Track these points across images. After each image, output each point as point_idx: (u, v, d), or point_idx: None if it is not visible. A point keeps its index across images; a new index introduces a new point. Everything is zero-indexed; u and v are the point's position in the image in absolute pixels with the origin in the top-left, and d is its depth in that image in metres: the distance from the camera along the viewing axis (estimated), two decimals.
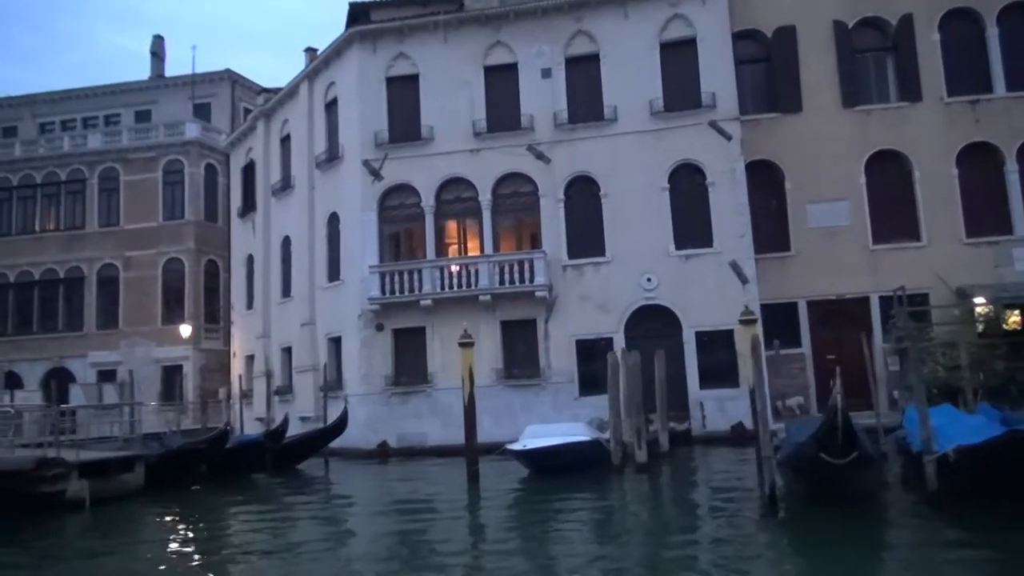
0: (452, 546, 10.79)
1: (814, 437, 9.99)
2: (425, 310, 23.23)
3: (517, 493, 15.16)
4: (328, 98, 26.84)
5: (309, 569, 9.84)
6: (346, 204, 25.29)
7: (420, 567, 9.57)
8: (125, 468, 16.47)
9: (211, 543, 12.15)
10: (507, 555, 10.00)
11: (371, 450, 22.85)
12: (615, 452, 16.51)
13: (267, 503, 16.72)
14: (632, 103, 23.33)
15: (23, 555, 11.92)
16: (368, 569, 9.66)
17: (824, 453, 9.54)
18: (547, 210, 23.49)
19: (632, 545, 10.34)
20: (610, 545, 10.34)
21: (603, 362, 22.31)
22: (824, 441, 9.65)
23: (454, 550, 10.50)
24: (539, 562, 9.50)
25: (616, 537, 10.95)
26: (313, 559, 10.37)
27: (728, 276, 22.33)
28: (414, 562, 9.87)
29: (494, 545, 10.86)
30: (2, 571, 10.97)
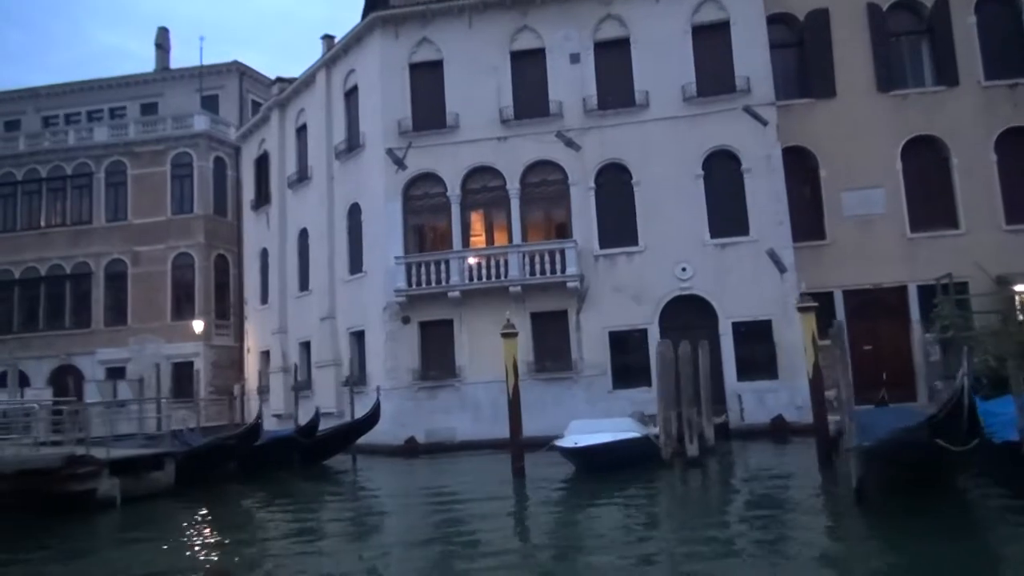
0: (519, 548, 10.18)
1: (929, 423, 9.39)
2: (453, 302, 22.61)
3: (568, 490, 14.52)
4: (347, 86, 26.18)
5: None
6: (368, 194, 24.63)
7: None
8: (155, 466, 15.83)
9: (249, 544, 11.46)
10: (592, 552, 9.41)
11: (398, 446, 22.21)
12: (665, 447, 15.91)
13: (303, 501, 16.08)
14: (664, 88, 22.73)
15: (56, 557, 11.33)
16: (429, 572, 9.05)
17: (941, 439, 8.93)
18: (577, 199, 22.88)
19: (719, 541, 9.75)
20: (698, 543, 9.75)
21: (637, 354, 21.98)
22: (943, 427, 9.04)
23: (522, 552, 9.89)
24: (629, 561, 8.90)
25: (701, 531, 10.35)
26: (362, 562, 9.74)
27: (765, 265, 21.77)
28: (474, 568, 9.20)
29: (578, 545, 10.21)
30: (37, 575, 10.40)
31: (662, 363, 16.36)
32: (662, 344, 16.93)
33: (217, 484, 17.50)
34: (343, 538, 11.52)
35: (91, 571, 10.52)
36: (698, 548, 9.26)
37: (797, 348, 21.16)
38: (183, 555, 10.88)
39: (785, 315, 21.52)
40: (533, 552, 9.76)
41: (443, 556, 9.69)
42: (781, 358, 21.35)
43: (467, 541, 10.56)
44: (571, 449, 14.87)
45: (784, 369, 21.31)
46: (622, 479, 14.89)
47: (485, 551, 9.92)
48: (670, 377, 16.33)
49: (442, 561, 9.43)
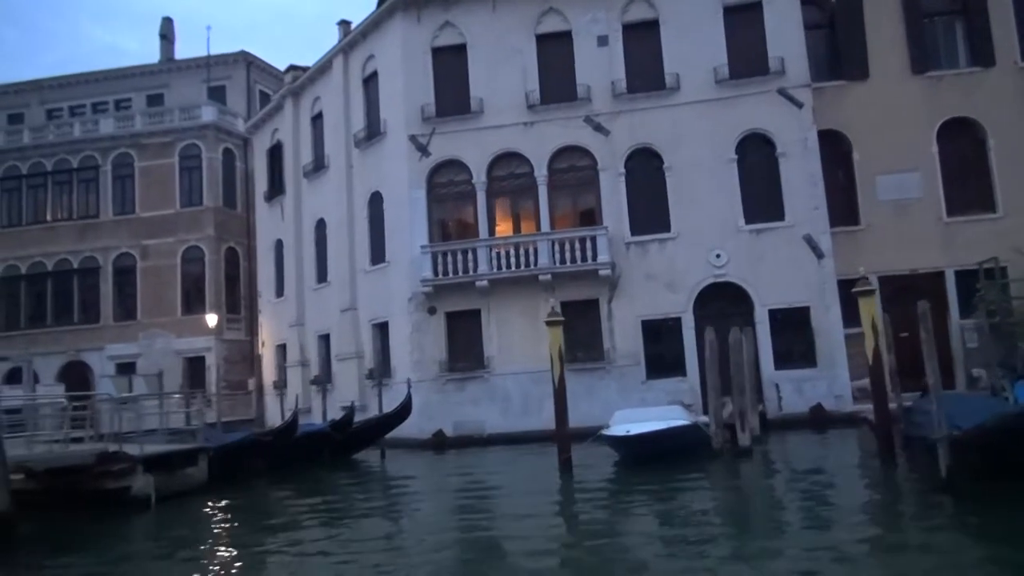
0: (591, 547, 9.60)
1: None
2: (480, 291, 22.05)
3: (622, 481, 14.00)
4: (366, 72, 25.56)
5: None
6: (390, 182, 24.04)
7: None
8: (188, 462, 15.25)
9: (295, 545, 10.90)
10: (677, 548, 8.89)
11: (426, 439, 21.67)
12: (716, 436, 15.40)
13: (344, 499, 15.45)
14: (695, 71, 22.17)
15: (95, 559, 10.79)
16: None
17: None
18: (607, 184, 22.32)
19: (810, 533, 9.24)
20: (789, 536, 9.24)
21: (671, 343, 21.49)
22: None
23: (596, 552, 9.35)
24: (722, 559, 8.37)
25: (788, 526, 9.83)
26: (412, 562, 9.23)
27: (802, 251, 21.26)
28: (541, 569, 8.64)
29: (656, 542, 9.68)
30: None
31: (711, 351, 15.84)
32: (710, 332, 16.40)
33: (247, 481, 16.95)
34: (395, 539, 10.94)
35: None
36: (788, 545, 8.75)
37: (836, 336, 20.85)
38: (229, 559, 10.33)
39: (823, 302, 21.07)
40: (607, 553, 9.19)
41: (503, 556, 9.11)
42: (819, 346, 20.86)
43: (527, 538, 9.98)
44: (623, 438, 14.34)
45: (823, 357, 20.83)
46: (674, 469, 14.37)
47: (548, 549, 9.37)
48: (718, 365, 15.80)
49: (502, 562, 8.87)
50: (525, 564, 8.65)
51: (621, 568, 8.15)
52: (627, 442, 14.37)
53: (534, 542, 9.65)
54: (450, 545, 10.01)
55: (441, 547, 9.86)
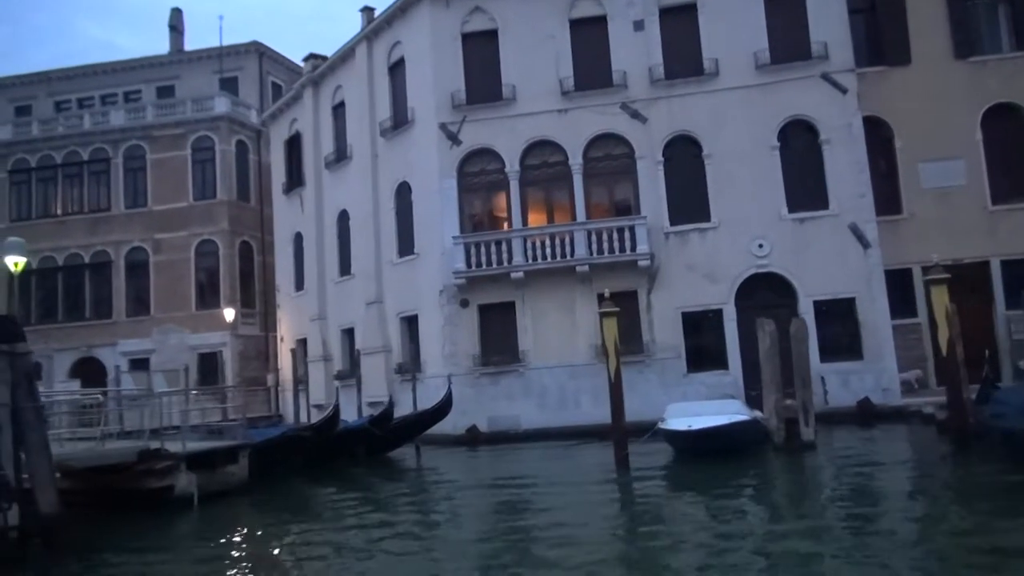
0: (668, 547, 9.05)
1: None
2: (515, 283, 21.47)
3: (686, 479, 13.39)
4: (392, 60, 24.91)
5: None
6: (419, 172, 23.41)
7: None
8: (229, 460, 14.65)
9: (347, 546, 10.36)
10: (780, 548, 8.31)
11: (459, 435, 21.08)
12: (778, 431, 14.84)
13: (389, 498, 14.86)
14: (735, 56, 21.57)
15: (144, 562, 10.24)
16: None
17: None
18: (645, 173, 21.73)
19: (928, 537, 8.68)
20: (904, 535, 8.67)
21: (712, 335, 20.95)
22: None
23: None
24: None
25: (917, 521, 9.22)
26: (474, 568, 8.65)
27: (847, 240, 20.71)
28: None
29: (753, 542, 9.11)
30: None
31: (770, 342, 15.27)
32: (769, 323, 15.83)
33: (284, 479, 16.34)
34: (448, 542, 10.34)
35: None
36: (904, 544, 8.19)
37: (883, 328, 20.31)
38: (280, 560, 9.77)
39: (869, 292, 20.53)
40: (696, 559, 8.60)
41: (579, 565, 8.50)
42: (866, 338, 20.32)
43: (599, 543, 9.41)
44: (685, 432, 13.77)
45: (869, 350, 20.29)
46: (737, 465, 13.86)
47: (623, 554, 8.80)
48: (777, 357, 15.25)
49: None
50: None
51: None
52: (689, 437, 13.81)
53: (609, 546, 9.11)
54: (517, 551, 9.36)
55: (506, 551, 9.29)
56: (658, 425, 15.00)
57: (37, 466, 10.53)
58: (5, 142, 35.75)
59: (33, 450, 10.57)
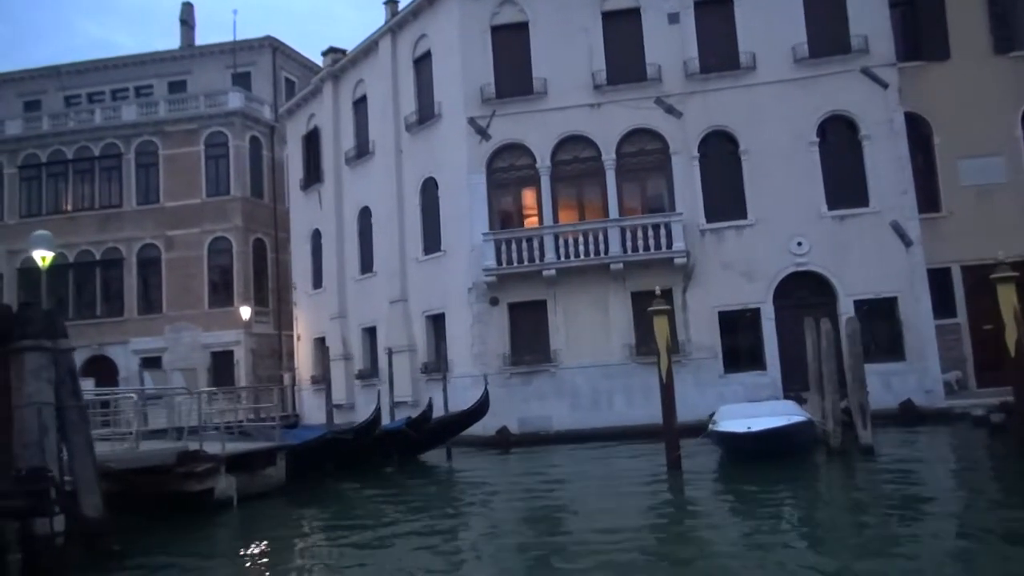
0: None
1: None
2: (547, 281, 20.97)
3: (742, 483, 12.82)
4: (417, 53, 24.41)
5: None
6: (447, 168, 22.91)
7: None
8: (268, 462, 14.15)
9: (393, 555, 9.89)
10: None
11: (489, 437, 20.55)
12: (835, 433, 14.37)
13: (429, 502, 14.32)
14: (772, 49, 21.10)
15: (193, 569, 9.74)
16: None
17: None
18: (680, 169, 21.25)
19: None
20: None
21: (749, 335, 20.48)
22: None
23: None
24: None
25: None
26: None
27: (889, 238, 20.24)
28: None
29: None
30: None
31: (827, 342, 14.79)
32: (825, 321, 15.36)
33: (320, 481, 15.82)
34: (497, 549, 9.88)
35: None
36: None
37: (926, 328, 19.85)
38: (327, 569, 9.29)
39: (912, 292, 20.07)
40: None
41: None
42: (908, 338, 19.85)
43: (662, 553, 8.92)
44: (744, 434, 13.27)
45: (911, 350, 19.82)
46: (795, 469, 13.40)
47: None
48: (833, 358, 14.77)
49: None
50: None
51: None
52: (748, 439, 13.29)
53: (677, 554, 8.62)
54: (574, 560, 8.86)
55: (562, 559, 8.81)
56: (711, 427, 14.50)
57: (81, 468, 10.04)
58: (15, 137, 35.25)
59: (77, 452, 10.08)
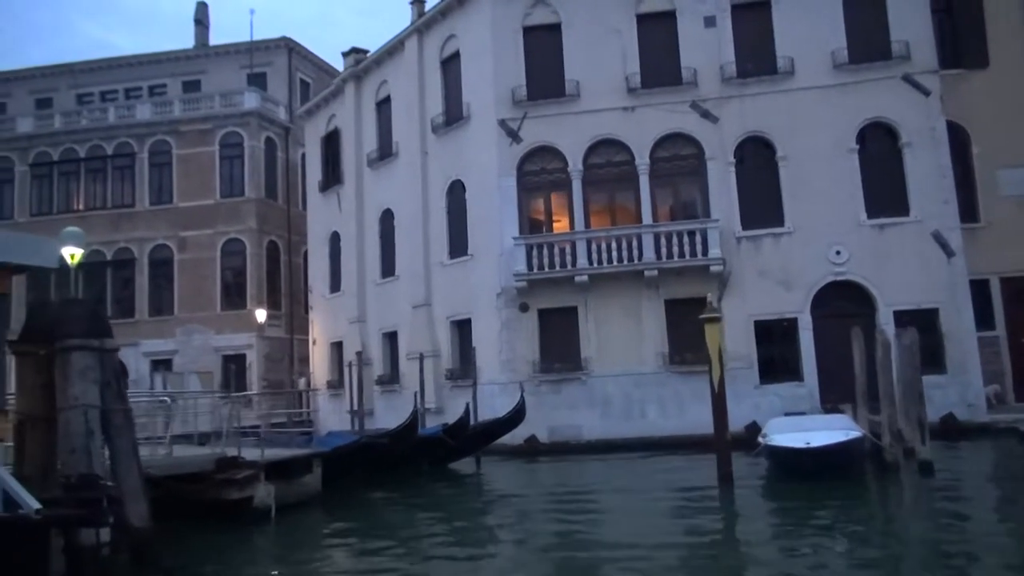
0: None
1: None
2: (578, 287, 20.53)
3: (805, 501, 12.28)
4: (445, 54, 24.01)
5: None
6: (475, 170, 22.48)
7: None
8: (305, 469, 13.65)
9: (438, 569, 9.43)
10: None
11: (517, 445, 20.05)
12: (892, 449, 13.91)
13: (469, 514, 13.84)
14: (811, 54, 20.74)
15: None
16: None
17: None
18: (715, 175, 20.84)
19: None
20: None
21: (786, 345, 20.03)
22: None
23: None
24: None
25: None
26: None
27: (930, 248, 19.83)
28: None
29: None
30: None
31: (883, 352, 14.35)
32: (881, 332, 14.94)
33: (351, 489, 15.31)
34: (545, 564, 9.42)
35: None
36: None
37: (968, 340, 19.44)
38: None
39: (954, 303, 19.66)
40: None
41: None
42: (950, 351, 19.42)
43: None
44: (802, 450, 12.77)
45: (953, 363, 19.39)
46: (855, 487, 12.95)
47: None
48: (891, 370, 14.33)
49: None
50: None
51: None
52: (808, 455, 12.78)
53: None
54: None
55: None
56: (763, 441, 13.99)
57: (126, 475, 9.53)
58: (26, 135, 34.80)
59: (122, 457, 9.59)
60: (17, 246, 8.80)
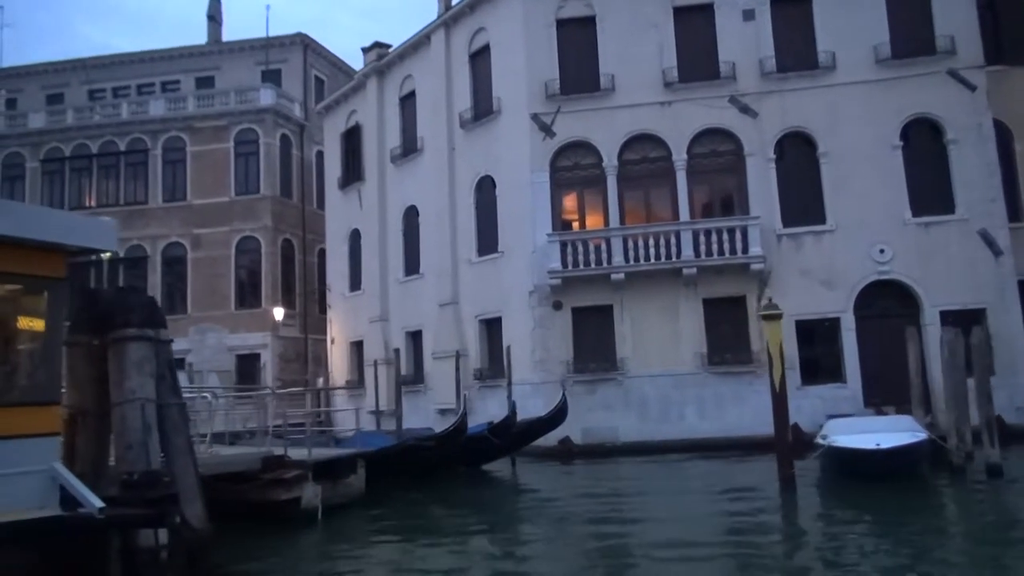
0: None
1: None
2: (614, 285, 20.04)
3: (872, 508, 11.72)
4: (473, 47, 23.53)
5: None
6: (506, 166, 21.99)
7: None
8: (349, 470, 13.12)
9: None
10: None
11: (551, 447, 19.52)
12: (958, 451, 13.42)
13: (513, 517, 13.31)
14: (852, 49, 20.29)
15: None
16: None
17: None
18: (755, 171, 20.38)
19: None
20: None
21: (827, 345, 19.58)
22: None
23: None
24: None
25: None
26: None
27: (977, 247, 19.36)
28: None
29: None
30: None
31: (951, 352, 13.87)
32: (948, 331, 14.43)
33: (389, 491, 14.77)
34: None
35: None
36: None
37: (1017, 341, 18.97)
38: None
39: (1002, 303, 19.21)
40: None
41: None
42: (998, 352, 18.91)
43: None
44: (871, 452, 12.27)
45: (1002, 365, 18.88)
46: (923, 490, 12.45)
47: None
48: (960, 369, 13.85)
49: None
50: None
51: None
52: (877, 457, 12.29)
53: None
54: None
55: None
56: (825, 443, 13.49)
57: (183, 474, 9.02)
58: (38, 130, 34.30)
59: (178, 455, 9.07)
60: (75, 227, 8.26)
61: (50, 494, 7.68)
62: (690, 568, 8.90)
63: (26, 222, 7.90)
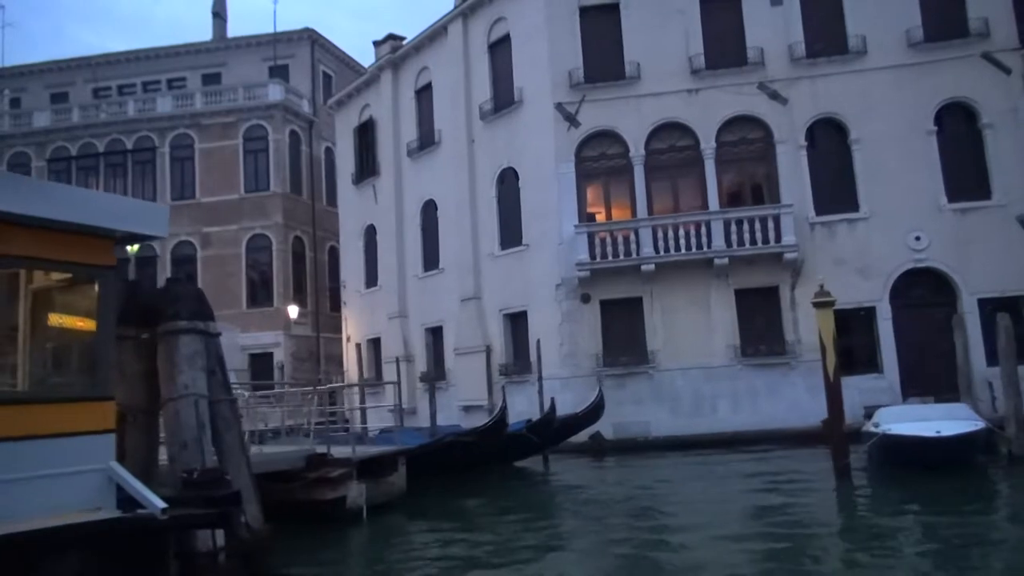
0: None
1: None
2: (643, 277, 19.64)
3: (950, 498, 11.33)
4: (493, 37, 23.11)
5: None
6: (529, 157, 21.57)
7: None
8: (391, 467, 12.71)
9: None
10: None
11: (581, 443, 19.09)
12: (1018, 440, 13.05)
13: (558, 515, 12.89)
14: (884, 33, 19.91)
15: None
16: None
17: None
18: (785, 159, 19.99)
19: None
20: None
21: (863, 335, 19.23)
22: None
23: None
24: None
25: None
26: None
27: (1015, 233, 18.94)
28: None
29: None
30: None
31: (1006, 338, 13.49)
32: (1004, 317, 14.04)
33: (427, 489, 14.34)
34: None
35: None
36: None
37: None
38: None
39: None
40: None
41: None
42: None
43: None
44: (933, 440, 11.90)
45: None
46: (982, 478, 12.05)
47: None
48: (1014, 356, 13.49)
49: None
50: None
51: None
52: (939, 445, 11.91)
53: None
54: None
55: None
56: (877, 431, 13.10)
57: (236, 472, 8.59)
58: (43, 129, 33.81)
59: (231, 453, 8.66)
60: (126, 212, 7.84)
61: (107, 494, 7.25)
62: (772, 563, 8.48)
63: (73, 205, 7.47)
